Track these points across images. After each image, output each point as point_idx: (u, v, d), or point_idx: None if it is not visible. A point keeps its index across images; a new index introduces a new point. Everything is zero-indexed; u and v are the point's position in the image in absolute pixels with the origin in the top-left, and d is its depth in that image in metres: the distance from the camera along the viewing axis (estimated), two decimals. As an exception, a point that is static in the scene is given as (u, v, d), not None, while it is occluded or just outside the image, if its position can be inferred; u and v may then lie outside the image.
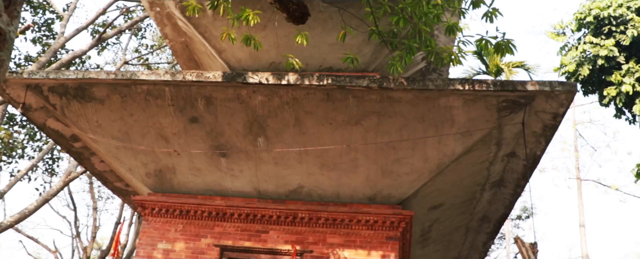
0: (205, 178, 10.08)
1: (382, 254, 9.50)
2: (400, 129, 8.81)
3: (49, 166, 20.71)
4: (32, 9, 19.33)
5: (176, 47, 12.16)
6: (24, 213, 17.44)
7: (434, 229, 12.34)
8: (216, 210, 10.09)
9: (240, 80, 8.63)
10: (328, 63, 10.62)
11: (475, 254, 14.82)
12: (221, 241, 10.00)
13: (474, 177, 10.26)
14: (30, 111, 9.90)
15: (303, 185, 9.81)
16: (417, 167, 9.27)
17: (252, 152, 9.43)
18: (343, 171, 9.46)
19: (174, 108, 9.14)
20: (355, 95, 8.60)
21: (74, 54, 18.07)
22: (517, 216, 29.34)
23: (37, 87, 9.37)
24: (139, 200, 10.47)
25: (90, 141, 10.16)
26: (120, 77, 8.99)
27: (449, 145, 8.97)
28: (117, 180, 11.68)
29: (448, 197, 10.75)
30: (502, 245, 28.86)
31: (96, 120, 9.53)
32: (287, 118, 8.94)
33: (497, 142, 9.28)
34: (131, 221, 24.07)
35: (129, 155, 10.03)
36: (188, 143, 9.50)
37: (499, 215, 12.13)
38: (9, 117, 18.55)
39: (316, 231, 9.78)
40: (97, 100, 9.29)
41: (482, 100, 8.46)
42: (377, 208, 9.73)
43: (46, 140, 19.41)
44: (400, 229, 9.61)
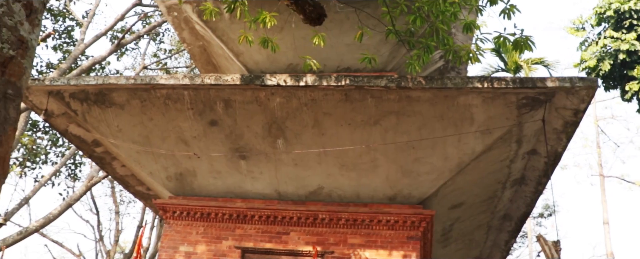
0: (226, 181, 10.14)
1: (403, 254, 9.47)
2: (419, 128, 8.79)
3: (72, 172, 20.96)
4: (52, 16, 19.58)
5: (194, 51, 12.25)
6: (49, 218, 17.68)
7: (455, 229, 12.28)
8: (237, 212, 10.14)
9: (258, 83, 8.67)
10: (346, 63, 10.62)
11: (498, 253, 14.72)
12: (242, 243, 10.05)
13: (495, 175, 10.19)
14: (53, 117, 10.03)
15: (323, 186, 9.83)
16: (437, 166, 9.24)
17: (272, 154, 9.46)
18: (363, 171, 9.45)
19: (193, 112, 9.21)
20: (374, 95, 8.60)
21: (93, 60, 18.28)
22: (539, 214, 29.07)
23: (59, 94, 9.49)
24: (160, 204, 10.56)
25: (111, 146, 10.27)
26: (139, 81, 9.08)
27: (468, 144, 8.93)
28: (139, 183, 11.79)
29: (469, 196, 10.69)
30: (524, 244, 28.63)
31: (117, 125, 9.62)
32: (306, 119, 8.96)
33: (517, 140, 9.21)
34: (153, 225, 24.27)
35: (149, 159, 10.12)
36: (208, 146, 9.56)
37: (520, 213, 12.03)
38: (32, 123, 18.80)
39: (337, 231, 9.79)
40: (118, 105, 9.38)
41: (502, 97, 8.41)
42: (398, 208, 9.71)
43: (68, 145, 19.65)
44: (421, 228, 9.58)
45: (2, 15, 2.89)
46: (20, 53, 2.97)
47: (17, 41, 2.95)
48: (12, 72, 2.92)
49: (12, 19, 2.94)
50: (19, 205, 18.06)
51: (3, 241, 16.34)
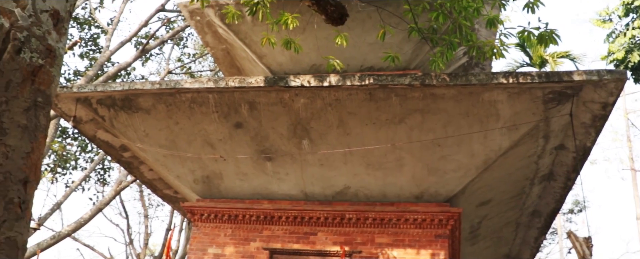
0: (252, 182, 10.20)
1: (431, 252, 9.43)
2: (444, 126, 8.74)
3: (101, 176, 21.26)
4: (78, 25, 19.89)
5: (218, 54, 12.34)
6: (80, 222, 17.97)
7: (483, 226, 12.18)
8: (264, 214, 10.19)
9: (282, 84, 8.71)
10: (369, 62, 10.61)
11: (527, 250, 14.56)
12: (270, 244, 10.09)
13: (523, 171, 10.09)
14: (81, 123, 10.18)
15: (349, 186, 9.83)
16: (463, 163, 9.18)
17: (297, 155, 9.49)
18: (389, 170, 9.43)
19: (219, 115, 9.28)
20: (398, 94, 8.57)
21: (119, 66, 18.52)
22: (569, 210, 28.67)
23: (86, 100, 9.63)
24: (188, 207, 10.66)
25: (138, 151, 10.40)
26: (164, 86, 9.17)
27: (495, 140, 8.86)
28: (166, 187, 11.92)
29: (496, 193, 10.60)
30: (554, 240, 28.26)
31: (143, 130, 9.74)
32: (331, 119, 8.97)
33: (544, 135, 9.11)
34: (181, 227, 24.50)
35: (176, 163, 10.22)
36: (233, 149, 9.62)
37: (550, 209, 11.89)
38: (61, 130, 19.12)
39: (364, 231, 9.78)
40: (144, 110, 9.50)
41: (527, 92, 8.33)
42: (425, 206, 9.67)
43: (97, 151, 19.93)
44: (448, 227, 9.52)
45: (30, 26, 2.95)
46: (48, 61, 3.02)
47: (46, 50, 3.01)
48: (42, 80, 2.98)
49: (40, 29, 3.00)
50: (52, 210, 18.38)
51: (38, 246, 16.65)
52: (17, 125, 2.82)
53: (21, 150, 2.82)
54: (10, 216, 2.73)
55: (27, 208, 2.84)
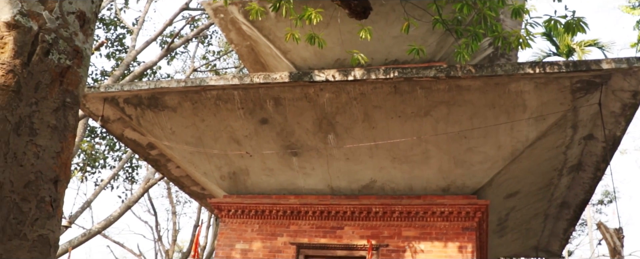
0: (278, 178, 10.24)
1: (458, 245, 9.38)
2: (470, 117, 8.67)
3: (129, 175, 21.54)
4: (104, 25, 20.13)
5: (242, 51, 12.39)
6: (109, 220, 18.24)
7: (511, 218, 12.07)
8: (291, 209, 10.24)
9: (307, 79, 8.71)
10: (393, 56, 10.56)
11: (556, 242, 14.40)
12: (297, 239, 10.13)
13: (551, 162, 9.97)
14: (109, 122, 10.32)
15: (375, 180, 9.81)
16: (490, 155, 9.10)
17: (323, 149, 9.50)
18: (415, 163, 9.39)
19: (244, 111, 9.33)
20: (423, 86, 8.52)
21: (145, 66, 18.71)
22: (599, 201, 28.24)
23: (114, 100, 9.76)
24: (215, 203, 10.75)
25: (165, 149, 10.51)
26: (190, 84, 9.25)
27: (522, 131, 8.76)
28: (193, 184, 12.03)
29: (524, 184, 10.49)
30: (584, 232, 27.84)
31: (170, 128, 9.84)
32: (356, 113, 8.96)
33: (572, 125, 8.98)
34: (209, 224, 24.71)
35: (203, 160, 10.31)
36: (259, 145, 9.67)
37: (579, 201, 11.73)
38: (90, 129, 19.40)
39: (391, 225, 9.76)
40: (170, 108, 9.59)
41: (555, 82, 8.22)
42: (452, 198, 9.61)
43: (125, 149, 20.19)
44: (476, 219, 9.46)
45: (58, 28, 3.00)
46: (76, 62, 3.07)
47: (73, 51, 3.06)
48: (70, 81, 3.02)
49: (67, 30, 3.04)
50: (82, 208, 18.68)
51: (69, 243, 16.95)
52: (47, 125, 2.87)
53: (51, 149, 2.87)
54: (42, 215, 2.78)
55: (58, 206, 2.89)
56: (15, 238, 2.68)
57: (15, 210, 2.70)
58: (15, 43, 2.81)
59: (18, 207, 2.71)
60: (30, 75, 2.85)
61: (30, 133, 2.80)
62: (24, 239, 2.71)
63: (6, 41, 2.80)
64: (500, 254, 16.56)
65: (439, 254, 9.39)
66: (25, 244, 2.70)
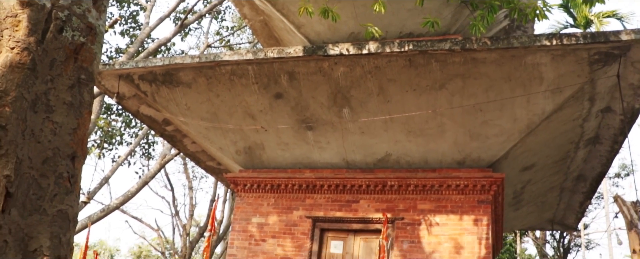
0: (294, 152, 10.27)
1: (474, 218, 9.39)
2: (486, 90, 8.61)
3: (146, 151, 21.71)
4: (118, 3, 20.11)
5: (255, 26, 12.35)
6: (127, 196, 18.46)
7: (526, 191, 12.04)
8: (306, 183, 10.29)
9: (321, 53, 8.68)
10: (408, 29, 10.46)
11: (572, 215, 14.36)
12: (313, 212, 10.20)
13: (567, 135, 9.89)
14: (124, 99, 10.38)
15: (391, 153, 9.81)
16: (506, 128, 9.05)
17: (338, 123, 9.50)
18: (430, 136, 9.37)
19: (258, 86, 9.33)
20: (438, 59, 8.46)
21: (159, 42, 18.72)
22: (616, 174, 28.04)
23: (128, 77, 9.79)
24: (231, 177, 10.82)
25: (181, 124, 10.56)
26: (204, 60, 9.25)
27: (538, 104, 8.68)
28: (209, 159, 12.11)
29: (540, 157, 10.44)
30: (600, 205, 27.71)
31: (185, 103, 9.87)
32: (371, 87, 8.93)
33: (590, 97, 8.89)
34: (225, 198, 24.92)
35: (218, 135, 10.36)
36: (274, 119, 9.69)
37: (595, 174, 11.66)
38: (106, 107, 19.53)
39: (406, 198, 9.79)
40: (184, 84, 9.61)
41: (572, 54, 8.11)
42: (467, 172, 9.60)
43: (141, 126, 20.32)
44: (491, 192, 9.45)
45: (71, 5, 3.00)
46: (89, 39, 3.08)
47: (86, 28, 3.07)
48: (84, 57, 3.04)
49: (80, 7, 3.05)
50: (100, 184, 18.91)
51: (89, 218, 17.21)
52: (63, 102, 2.89)
53: (68, 126, 2.89)
54: (60, 190, 2.82)
55: (76, 182, 2.92)
56: (35, 213, 2.72)
57: (35, 185, 2.74)
58: (29, 21, 2.82)
59: (37, 183, 2.75)
60: (44, 53, 2.86)
61: (47, 110, 2.83)
62: (44, 214, 2.75)
63: (20, 19, 2.81)
64: (516, 227, 16.58)
65: (454, 227, 9.42)
66: (45, 219, 2.74)
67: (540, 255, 27.21)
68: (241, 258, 10.36)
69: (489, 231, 9.27)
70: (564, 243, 26.05)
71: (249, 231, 10.49)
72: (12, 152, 2.61)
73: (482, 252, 9.16)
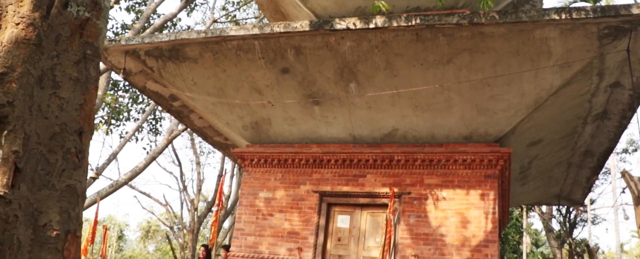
0: (301, 127, 10.28)
1: (480, 192, 9.41)
2: (494, 65, 8.55)
3: (153, 126, 21.77)
4: (122, -23, 19.99)
5: (261, 1, 12.26)
6: (135, 171, 18.58)
7: (533, 166, 12.04)
8: (313, 157, 10.32)
9: (327, 28, 8.62)
10: (415, 3, 10.35)
11: (578, 190, 14.37)
12: (320, 187, 10.25)
13: (575, 110, 9.85)
14: (131, 75, 10.38)
15: (397, 128, 9.81)
16: (513, 103, 9.01)
17: (345, 98, 9.48)
18: (437, 111, 9.35)
19: (265, 61, 9.30)
20: (446, 34, 8.39)
21: (165, 18, 18.63)
22: (623, 150, 27.96)
23: (135, 52, 9.78)
24: (238, 152, 10.86)
25: (188, 100, 10.57)
26: (210, 35, 9.21)
27: (546, 79, 8.63)
28: (216, 134, 12.14)
29: (547, 132, 10.41)
30: (607, 180, 27.71)
31: (191, 79, 9.86)
32: (378, 61, 8.88)
33: (599, 72, 8.81)
34: (233, 173, 25.06)
35: (225, 110, 10.37)
36: (281, 94, 9.68)
37: (603, 149, 11.63)
38: (113, 83, 19.55)
39: (413, 172, 9.81)
40: (191, 59, 9.59)
41: (581, 28, 8.02)
42: (474, 146, 9.60)
43: (148, 101, 20.35)
44: (498, 167, 9.45)
45: (75, -22, 2.98)
46: (94, 14, 3.07)
47: (91, 3, 3.05)
48: (89, 33, 3.03)
49: (85, -19, 3.03)
50: (108, 160, 19.03)
51: (98, 194, 17.35)
52: (69, 78, 2.89)
53: (74, 101, 2.90)
54: (68, 166, 2.84)
55: (83, 157, 2.94)
56: (44, 188, 2.75)
57: (43, 161, 2.75)
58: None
59: (45, 158, 2.76)
60: (50, 28, 2.85)
61: (53, 85, 2.83)
62: (53, 189, 2.77)
63: (25, -6, 2.80)
64: (522, 202, 16.62)
65: (461, 201, 9.45)
66: (54, 194, 2.77)
67: (546, 230, 27.31)
68: (249, 232, 10.46)
69: (495, 206, 9.30)
70: (570, 218, 26.12)
71: (257, 206, 10.57)
72: (20, 128, 2.62)
73: (488, 226, 9.20)
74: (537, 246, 32.82)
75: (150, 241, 44.98)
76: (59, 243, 2.73)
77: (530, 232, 31.69)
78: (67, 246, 2.78)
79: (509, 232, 25.07)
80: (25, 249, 2.61)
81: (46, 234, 2.70)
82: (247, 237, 10.44)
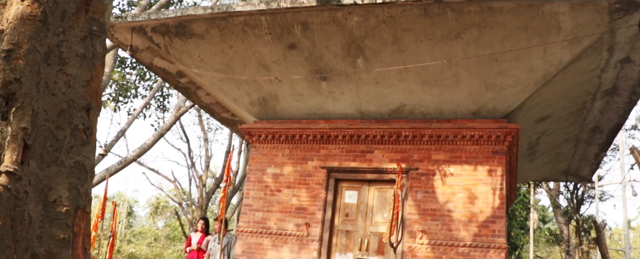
0: (308, 103, 10.28)
1: (488, 168, 9.41)
2: (502, 40, 8.48)
3: (161, 103, 21.82)
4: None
5: (268, -24, 12.16)
6: (144, 148, 18.67)
7: (541, 142, 12.01)
8: (320, 133, 10.34)
9: (334, 3, 8.56)
10: (422, -23, 10.26)
11: (586, 167, 14.34)
12: (327, 162, 10.28)
13: (584, 86, 9.78)
14: (138, 52, 10.37)
15: (405, 103, 9.79)
16: (522, 79, 8.96)
17: (352, 74, 9.45)
18: (445, 87, 9.31)
19: (272, 37, 9.26)
20: (454, 8, 8.31)
21: (171, -7, 18.55)
22: (632, 127, 27.80)
23: (141, 29, 9.75)
24: (246, 128, 10.88)
25: (195, 76, 10.57)
26: (216, 11, 9.16)
27: (555, 54, 8.56)
28: (224, 110, 12.15)
29: (556, 108, 10.36)
30: (615, 157, 27.61)
31: (198, 55, 9.85)
32: (385, 37, 8.83)
33: (609, 48, 8.73)
34: (240, 149, 25.14)
35: (232, 86, 10.36)
36: (288, 70, 9.65)
37: (612, 125, 11.57)
38: (120, 60, 19.54)
39: (420, 148, 9.81)
40: (197, 35, 9.56)
41: (592, 3, 7.92)
42: (482, 122, 9.57)
43: (155, 78, 20.36)
44: (506, 143, 9.43)
45: (80, -47, 2.96)
46: (101, -11, 3.05)
47: (97, -23, 3.04)
48: (95, 9, 3.02)
49: (90, -44, 3.01)
50: (117, 137, 19.12)
51: (106, 171, 17.47)
52: (76, 54, 2.89)
53: (81, 78, 2.90)
54: (77, 142, 2.85)
55: (91, 133, 2.95)
56: (53, 164, 2.76)
57: (51, 138, 2.76)
58: (40, -28, 2.79)
59: (53, 135, 2.77)
60: (55, 4, 2.84)
61: (60, 62, 2.83)
62: (61, 165, 2.79)
63: (30, -31, 2.78)
64: (530, 178, 16.62)
65: (469, 177, 9.45)
66: (63, 171, 2.78)
67: (554, 206, 27.35)
68: (257, 208, 10.52)
69: (503, 182, 9.30)
70: (578, 195, 26.12)
71: (264, 182, 10.62)
72: (28, 105, 2.62)
73: (495, 202, 9.22)
74: (544, 223, 32.90)
75: (159, 217, 45.41)
76: (69, 218, 2.76)
77: (537, 208, 31.74)
78: (77, 221, 2.80)
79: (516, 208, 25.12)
80: (36, 225, 2.63)
81: (56, 210, 2.72)
82: (255, 213, 10.51)
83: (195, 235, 11.50)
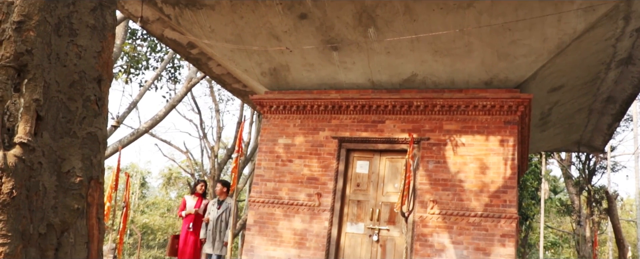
0: (319, 73, 10.25)
1: (500, 139, 9.38)
2: (515, 9, 8.37)
3: (172, 75, 21.84)
4: None
5: (278, -56, 12.02)
6: (156, 119, 18.77)
7: (554, 112, 11.93)
8: (332, 103, 10.33)
9: (345, -28, 8.46)
10: (435, -55, 10.10)
11: (599, 137, 14.24)
12: (339, 132, 10.29)
13: (598, 56, 9.66)
14: (148, 23, 10.34)
15: (417, 73, 9.73)
16: (535, 48, 8.86)
17: (364, 43, 9.39)
18: (457, 56, 9.24)
19: (283, 7, 9.19)
20: (466, -23, 8.19)
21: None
22: (647, 95, 27.49)
23: (151, 0, 9.71)
24: (257, 99, 10.89)
25: (205, 47, 10.54)
26: (227, -20, 9.09)
27: (569, 23, 8.44)
28: (235, 81, 12.15)
29: (569, 78, 10.26)
30: (628, 127, 27.41)
31: (209, 26, 9.81)
32: (397, 6, 8.73)
33: (624, 16, 8.59)
34: (252, 120, 25.21)
35: (243, 57, 10.34)
36: (299, 40, 9.61)
37: (626, 95, 11.45)
38: (131, 32, 19.52)
39: (432, 118, 9.78)
40: (208, 6, 9.51)
41: (607, -31, 7.78)
42: (494, 92, 9.51)
43: (166, 50, 20.35)
44: (518, 113, 9.38)
45: None
46: (110, -41, 3.03)
47: (106, -53, 3.01)
48: (105, -22, 3.00)
49: None
50: (129, 108, 19.21)
51: (119, 142, 17.61)
52: (86, 25, 2.88)
53: (92, 49, 2.90)
54: (89, 113, 2.87)
55: (103, 104, 2.96)
56: (66, 135, 2.78)
57: (64, 109, 2.78)
58: (48, -58, 2.77)
59: (66, 106, 2.79)
60: (65, -26, 2.83)
61: (71, 33, 2.83)
62: (74, 136, 2.81)
63: (39, -61, 2.76)
64: (542, 148, 16.55)
65: (480, 147, 9.44)
66: (75, 142, 2.81)
67: (565, 177, 27.29)
68: (268, 178, 10.59)
69: (514, 152, 9.28)
70: (590, 165, 26.02)
71: (276, 152, 10.66)
72: (40, 76, 2.63)
73: (507, 172, 9.21)
74: (556, 193, 32.87)
75: (172, 188, 45.86)
76: (83, 189, 2.79)
77: (548, 179, 31.70)
78: (90, 192, 2.84)
79: (528, 178, 25.08)
80: (50, 196, 2.67)
81: (70, 181, 2.75)
82: (267, 183, 10.58)
83: (191, 198, 11.42)
